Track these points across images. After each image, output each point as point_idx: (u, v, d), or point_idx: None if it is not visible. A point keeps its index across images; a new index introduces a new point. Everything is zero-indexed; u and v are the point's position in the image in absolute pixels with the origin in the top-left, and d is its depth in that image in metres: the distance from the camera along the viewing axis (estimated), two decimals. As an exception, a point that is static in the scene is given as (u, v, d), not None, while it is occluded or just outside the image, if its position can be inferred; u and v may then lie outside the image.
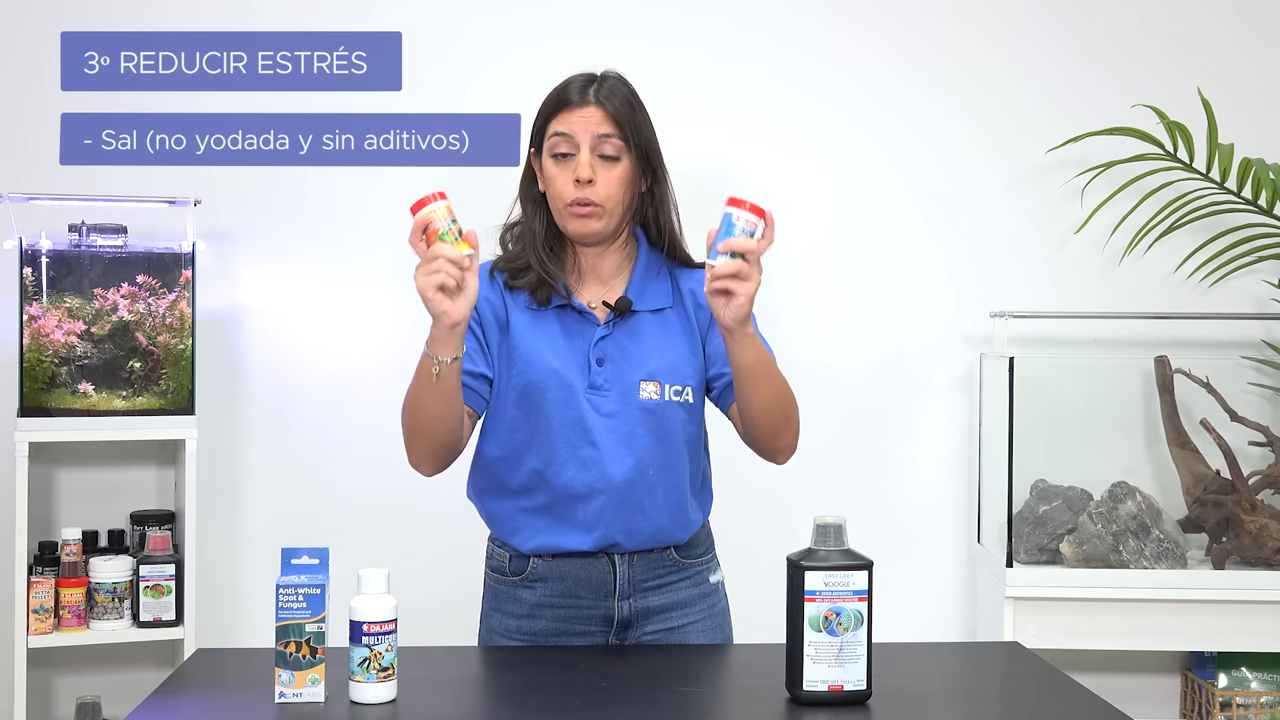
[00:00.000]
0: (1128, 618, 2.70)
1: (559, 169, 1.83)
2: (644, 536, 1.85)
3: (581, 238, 1.85)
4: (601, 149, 1.82)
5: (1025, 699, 1.71)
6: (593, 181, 1.80)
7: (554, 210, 1.85)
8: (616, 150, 1.82)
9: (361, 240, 2.92)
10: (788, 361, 1.88)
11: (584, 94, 1.83)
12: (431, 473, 1.84)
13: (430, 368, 1.70)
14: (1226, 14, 3.01)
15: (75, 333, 2.61)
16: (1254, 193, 2.78)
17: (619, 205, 1.84)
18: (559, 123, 1.83)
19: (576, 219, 1.82)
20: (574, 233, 1.84)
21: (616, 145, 1.82)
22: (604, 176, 1.82)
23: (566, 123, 1.83)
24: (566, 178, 1.82)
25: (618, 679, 1.68)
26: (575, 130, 1.82)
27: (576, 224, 1.82)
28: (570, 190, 1.81)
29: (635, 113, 1.85)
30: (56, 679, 2.85)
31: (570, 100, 1.83)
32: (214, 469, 2.84)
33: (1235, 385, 2.89)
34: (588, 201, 1.81)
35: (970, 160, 2.99)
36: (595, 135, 1.81)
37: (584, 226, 1.82)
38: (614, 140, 1.82)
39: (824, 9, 2.98)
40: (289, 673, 1.55)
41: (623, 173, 1.83)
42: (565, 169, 1.82)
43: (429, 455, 1.81)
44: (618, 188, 1.83)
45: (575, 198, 1.81)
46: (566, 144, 1.82)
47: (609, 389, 1.82)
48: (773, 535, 2.06)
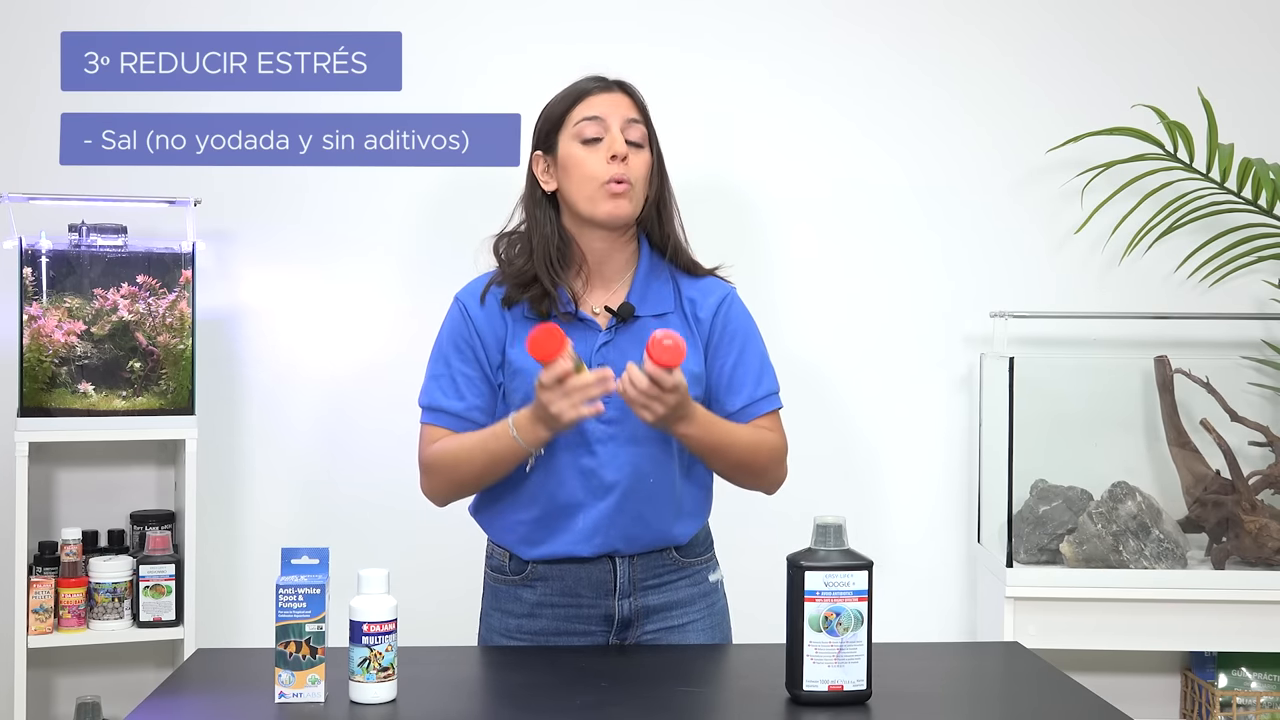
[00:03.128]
0: (1128, 618, 2.70)
1: (589, 152, 1.81)
2: (643, 542, 1.85)
3: (612, 220, 1.82)
4: (629, 133, 1.83)
5: (1025, 699, 1.71)
6: (627, 159, 1.81)
7: (579, 197, 1.82)
8: (641, 137, 1.84)
9: (361, 240, 2.92)
10: (788, 361, 1.89)
11: (607, 82, 1.86)
12: (447, 505, 1.90)
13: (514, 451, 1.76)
14: (1226, 14, 3.01)
15: (75, 333, 2.61)
16: (1254, 193, 2.78)
17: (643, 191, 1.84)
18: (586, 107, 1.83)
19: (612, 198, 1.80)
20: (607, 214, 1.81)
21: (642, 132, 1.84)
22: (634, 159, 1.82)
23: (594, 106, 1.83)
24: (599, 158, 1.81)
25: (618, 679, 1.68)
26: (605, 112, 1.82)
27: (610, 205, 1.80)
28: (604, 169, 1.80)
29: (649, 112, 1.88)
30: (56, 679, 2.85)
31: (593, 88, 1.85)
32: (214, 469, 2.84)
33: (1235, 385, 2.89)
34: (623, 178, 1.80)
35: (970, 160, 2.99)
36: (625, 119, 1.82)
37: (618, 208, 1.81)
38: (640, 126, 1.84)
39: (824, 8, 2.98)
40: (289, 673, 1.55)
41: (648, 159, 1.85)
42: (596, 151, 1.81)
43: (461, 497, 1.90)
44: (645, 172, 1.84)
45: (613, 175, 1.79)
46: (596, 127, 1.81)
47: (609, 396, 1.82)
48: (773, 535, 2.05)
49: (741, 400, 1.87)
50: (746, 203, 2.96)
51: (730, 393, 1.87)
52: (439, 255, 2.82)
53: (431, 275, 2.68)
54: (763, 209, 2.96)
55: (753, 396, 1.88)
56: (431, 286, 2.28)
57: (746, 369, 1.88)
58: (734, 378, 1.87)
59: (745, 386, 1.88)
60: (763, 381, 1.89)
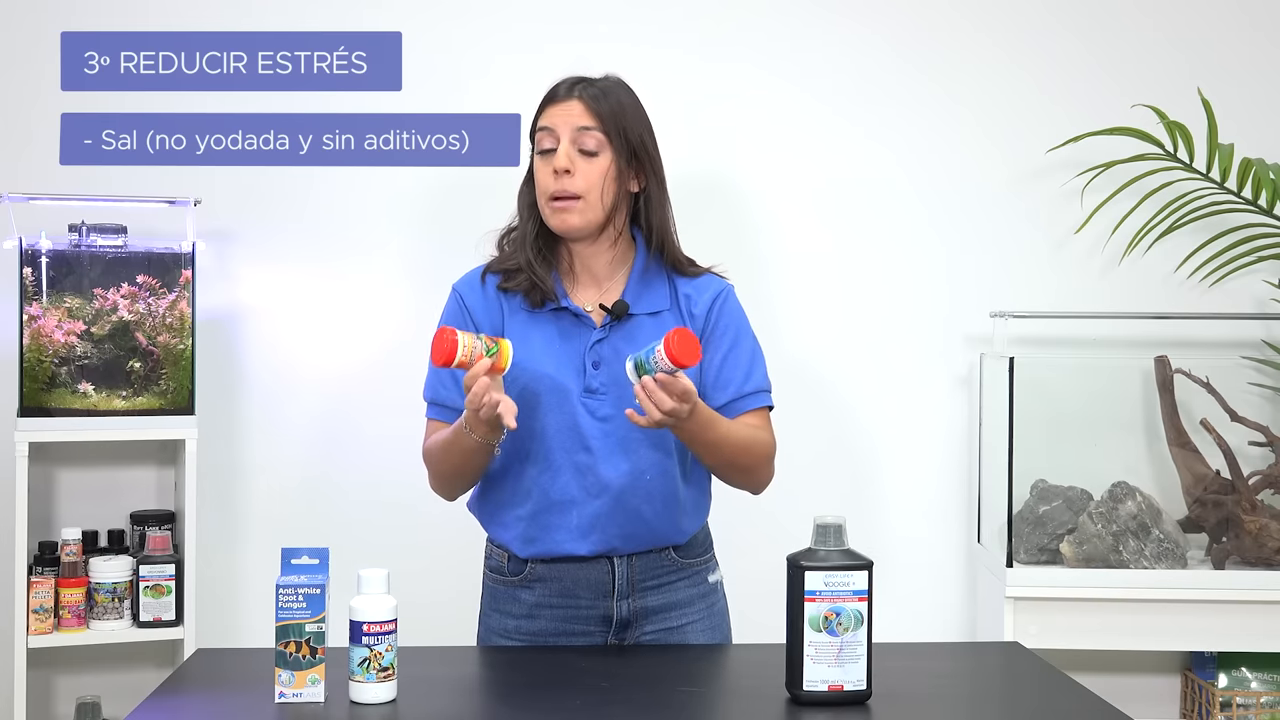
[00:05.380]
0: (1128, 618, 2.70)
1: (541, 163, 1.85)
2: (641, 541, 1.85)
3: (562, 232, 1.85)
4: (581, 142, 1.83)
5: (1025, 699, 1.71)
6: (570, 172, 1.81)
7: (539, 206, 1.86)
8: (597, 144, 1.83)
9: (361, 240, 2.92)
10: (787, 361, 1.89)
11: (569, 90, 1.86)
12: (454, 498, 1.92)
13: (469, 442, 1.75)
14: (1226, 14, 3.01)
15: (75, 333, 2.61)
16: (1254, 193, 2.78)
17: (599, 199, 1.84)
18: (543, 118, 1.87)
19: (555, 212, 1.84)
20: (554, 227, 1.85)
21: (597, 139, 1.83)
22: (583, 169, 1.83)
23: (549, 117, 1.86)
24: (547, 170, 1.84)
25: (618, 679, 1.68)
26: (555, 123, 1.84)
27: (556, 218, 1.84)
28: (550, 182, 1.83)
29: (625, 112, 1.86)
30: (56, 679, 2.85)
31: (555, 96, 1.87)
32: (214, 469, 2.84)
33: (1235, 385, 2.89)
34: (565, 194, 1.82)
35: (970, 160, 2.99)
36: (575, 128, 1.83)
37: (562, 221, 1.83)
38: (594, 134, 1.83)
39: (824, 7, 2.98)
40: (289, 673, 1.55)
41: (603, 167, 1.84)
42: (546, 162, 1.84)
43: (458, 491, 1.90)
44: (598, 180, 1.83)
45: (554, 190, 1.82)
46: (549, 138, 1.85)
47: (605, 393, 1.82)
48: (773, 535, 2.05)
49: (728, 395, 1.87)
50: (746, 202, 2.96)
51: (717, 387, 1.88)
52: (439, 255, 2.82)
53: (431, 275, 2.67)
54: (762, 208, 2.96)
55: (740, 391, 1.88)
56: (431, 286, 2.28)
57: (735, 364, 1.88)
58: (722, 372, 1.88)
59: (733, 381, 1.88)
60: (751, 377, 1.89)
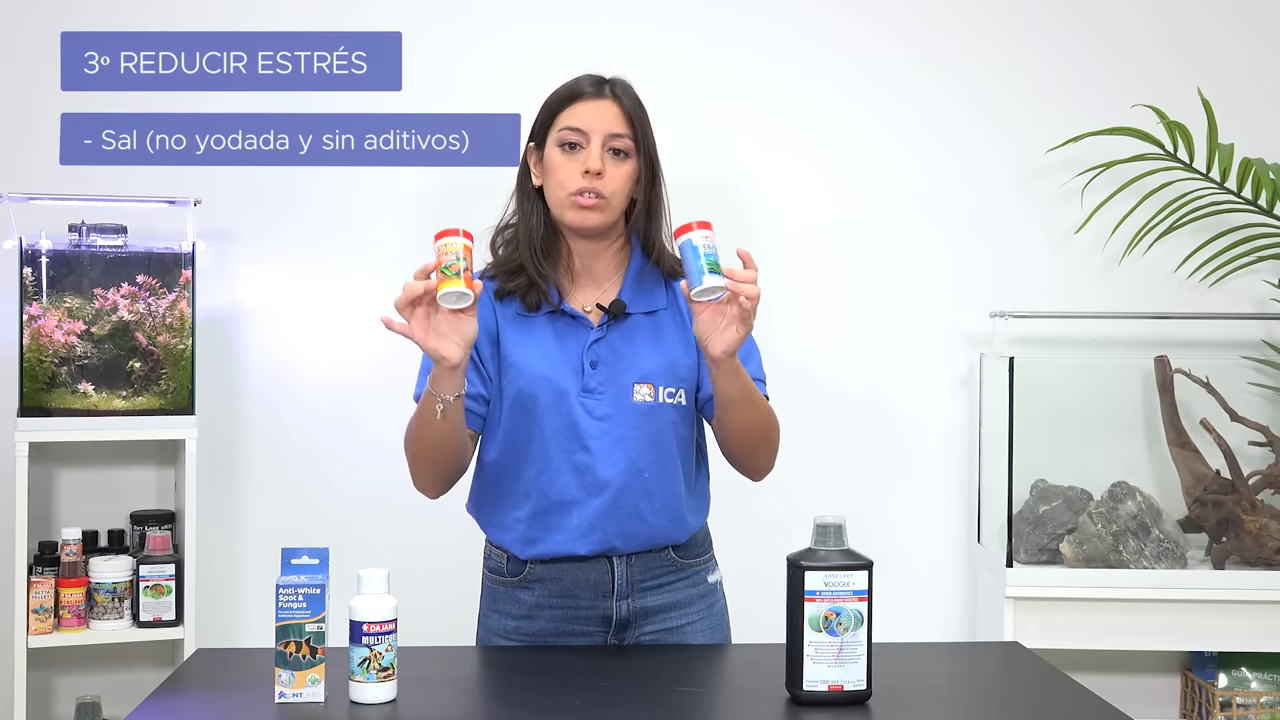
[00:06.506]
0: (1128, 618, 2.70)
1: (565, 159, 1.82)
2: (641, 540, 1.84)
3: (579, 229, 1.83)
4: (613, 145, 1.81)
5: (1025, 699, 1.71)
6: (601, 174, 1.80)
7: (553, 201, 1.84)
8: (627, 148, 1.82)
9: (361, 240, 2.92)
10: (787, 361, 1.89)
11: (599, 88, 1.84)
12: (437, 495, 1.86)
13: (433, 405, 1.70)
14: (1226, 14, 3.01)
15: (75, 333, 2.61)
16: (1254, 193, 2.78)
17: (621, 203, 1.84)
18: (571, 114, 1.83)
19: (579, 210, 1.81)
20: (573, 223, 1.82)
21: (627, 144, 1.82)
22: (613, 172, 1.81)
23: (579, 114, 1.82)
24: (573, 168, 1.81)
25: (618, 679, 1.68)
26: (589, 123, 1.81)
27: (578, 215, 1.81)
28: (576, 180, 1.80)
29: (644, 116, 1.85)
30: (56, 679, 2.85)
31: (584, 92, 1.83)
32: (214, 469, 2.85)
33: (1235, 385, 2.89)
34: (595, 193, 1.80)
35: (971, 160, 2.99)
36: (609, 131, 1.81)
37: (585, 219, 1.81)
38: (625, 139, 1.82)
39: (824, 7, 2.98)
40: (289, 673, 1.55)
41: (630, 171, 1.83)
42: (573, 159, 1.81)
43: (435, 481, 1.83)
44: (624, 184, 1.83)
45: (582, 187, 1.80)
46: (578, 135, 1.81)
47: (603, 392, 1.81)
48: (772, 535, 2.05)
49: None
50: (746, 202, 2.96)
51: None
52: (439, 255, 2.82)
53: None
54: (762, 209, 2.96)
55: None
56: (431, 286, 2.27)
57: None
58: None
59: None
60: (748, 365, 1.87)
